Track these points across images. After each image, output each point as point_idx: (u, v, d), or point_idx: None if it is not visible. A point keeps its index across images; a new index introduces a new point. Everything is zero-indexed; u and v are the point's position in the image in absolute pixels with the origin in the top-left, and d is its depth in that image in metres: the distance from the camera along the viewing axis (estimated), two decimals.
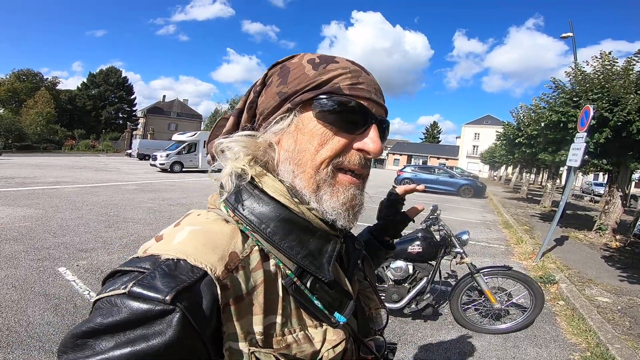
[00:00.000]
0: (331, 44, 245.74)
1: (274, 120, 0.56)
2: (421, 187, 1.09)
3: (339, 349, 0.53)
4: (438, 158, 65.86)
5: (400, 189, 1.00)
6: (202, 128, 59.30)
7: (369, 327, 0.68)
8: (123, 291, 0.40)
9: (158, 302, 0.39)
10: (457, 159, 66.23)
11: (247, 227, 0.52)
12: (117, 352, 0.38)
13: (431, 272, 3.30)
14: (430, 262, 3.37)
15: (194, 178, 15.66)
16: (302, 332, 0.51)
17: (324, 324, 0.53)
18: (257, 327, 0.46)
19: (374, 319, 0.71)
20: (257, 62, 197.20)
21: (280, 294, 0.50)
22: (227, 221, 0.53)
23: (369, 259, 0.78)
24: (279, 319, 0.49)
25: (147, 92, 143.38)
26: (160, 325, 0.39)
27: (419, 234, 3.33)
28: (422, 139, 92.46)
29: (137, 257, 0.46)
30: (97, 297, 0.42)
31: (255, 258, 0.50)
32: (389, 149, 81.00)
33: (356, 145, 0.55)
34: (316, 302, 0.52)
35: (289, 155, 0.55)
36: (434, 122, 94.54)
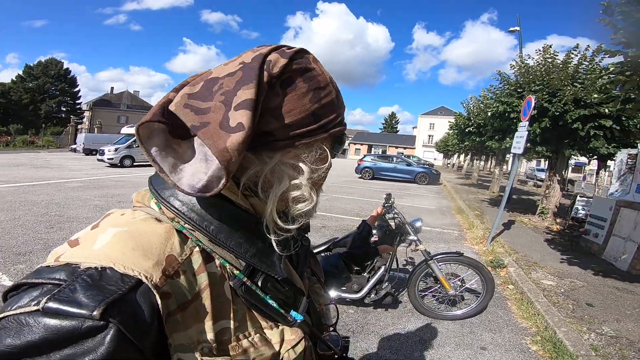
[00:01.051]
0: (296, 35, 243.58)
1: (308, 143, 0.51)
2: (380, 209, 1.21)
3: (300, 348, 0.52)
4: (396, 147, 67.93)
5: (370, 220, 1.08)
6: None
7: (321, 323, 0.67)
8: (35, 308, 0.34)
9: (83, 318, 0.34)
10: (414, 148, 68.64)
11: (186, 225, 0.47)
12: None
13: (388, 260, 3.35)
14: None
15: (147, 172, 14.90)
16: (258, 334, 0.48)
17: (279, 324, 0.51)
18: (209, 334, 0.43)
19: (324, 314, 0.70)
20: (216, 52, 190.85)
21: (230, 296, 0.47)
22: (159, 220, 0.47)
23: (314, 255, 0.76)
24: (231, 324, 0.46)
25: (93, 84, 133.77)
26: (91, 345, 0.34)
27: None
28: (381, 129, 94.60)
29: (48, 266, 0.39)
30: (1, 316, 0.35)
31: (196, 260, 0.45)
32: (350, 138, 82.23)
33: None
34: (270, 301, 0.49)
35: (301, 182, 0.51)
36: (393, 112, 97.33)
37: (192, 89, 0.46)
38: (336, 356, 0.65)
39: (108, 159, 17.05)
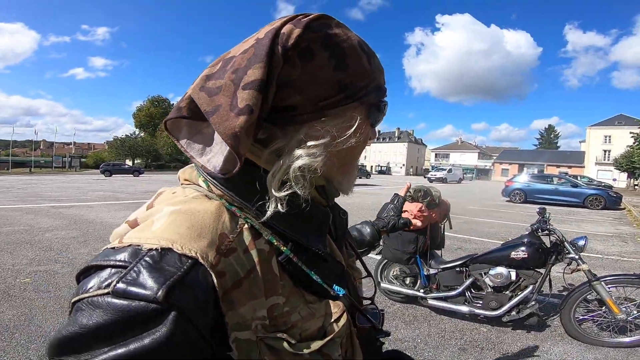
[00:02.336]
0: (418, 52, 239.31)
1: (334, 113, 0.48)
2: (408, 184, 1.22)
3: (342, 322, 0.52)
4: (558, 166, 58.01)
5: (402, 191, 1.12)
6: None
7: (358, 297, 0.66)
8: (106, 291, 0.36)
9: (148, 301, 0.35)
10: (582, 167, 57.38)
11: (235, 203, 0.48)
12: (106, 356, 0.34)
13: (539, 280, 3.00)
14: (537, 269, 3.09)
15: None
16: (305, 309, 0.48)
17: (322, 298, 0.51)
18: (261, 311, 0.43)
19: (359, 288, 0.70)
20: None
21: (277, 272, 0.47)
22: (209, 198, 0.48)
23: (347, 229, 0.73)
24: (280, 300, 0.46)
25: None
26: (154, 326, 0.35)
27: (525, 239, 3.10)
28: (536, 145, 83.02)
29: (113, 248, 0.41)
30: (76, 299, 0.37)
31: (246, 237, 0.45)
32: (494, 158, 74.62)
33: None
34: (314, 277, 0.50)
35: (341, 153, 0.51)
36: (550, 125, 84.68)
37: (210, 70, 0.47)
38: (374, 329, 0.63)
39: None
